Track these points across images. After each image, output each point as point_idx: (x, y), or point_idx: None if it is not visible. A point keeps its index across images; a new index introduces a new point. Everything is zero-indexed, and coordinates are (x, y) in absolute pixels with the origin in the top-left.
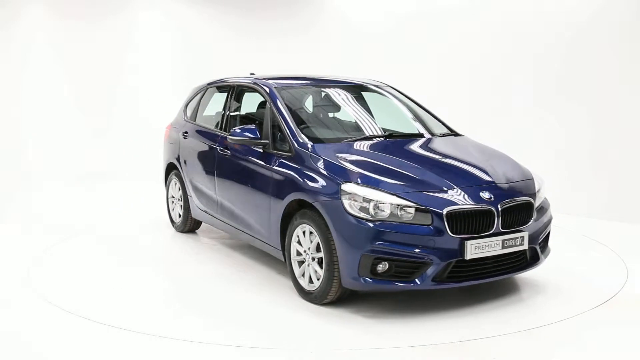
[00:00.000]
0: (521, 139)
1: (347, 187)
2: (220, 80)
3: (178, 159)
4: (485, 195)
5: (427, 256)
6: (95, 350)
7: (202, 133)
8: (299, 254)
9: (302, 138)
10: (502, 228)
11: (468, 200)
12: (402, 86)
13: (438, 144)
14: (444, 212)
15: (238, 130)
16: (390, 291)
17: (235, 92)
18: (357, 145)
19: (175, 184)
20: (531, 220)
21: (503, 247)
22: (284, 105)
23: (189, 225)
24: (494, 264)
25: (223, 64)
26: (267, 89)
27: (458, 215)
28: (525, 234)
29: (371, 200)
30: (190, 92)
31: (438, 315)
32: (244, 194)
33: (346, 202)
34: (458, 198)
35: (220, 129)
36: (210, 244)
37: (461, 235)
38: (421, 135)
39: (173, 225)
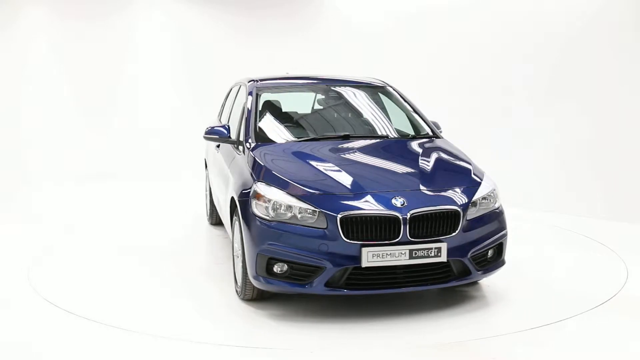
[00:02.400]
0: (521, 139)
1: (256, 186)
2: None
3: (207, 155)
4: (397, 201)
5: (321, 261)
6: (96, 350)
7: None
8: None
9: (250, 137)
10: (411, 237)
11: (375, 205)
12: (402, 86)
13: (391, 146)
14: (338, 216)
15: (209, 129)
16: (288, 293)
17: (238, 91)
18: (300, 146)
19: (207, 178)
20: (455, 232)
21: (411, 258)
22: (254, 104)
23: (215, 218)
24: (405, 274)
25: (223, 64)
26: (248, 89)
27: (354, 220)
28: (443, 245)
29: (270, 201)
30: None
31: (438, 315)
32: (220, 192)
33: (253, 201)
34: (363, 203)
35: None
36: (218, 242)
37: (359, 241)
38: (385, 137)
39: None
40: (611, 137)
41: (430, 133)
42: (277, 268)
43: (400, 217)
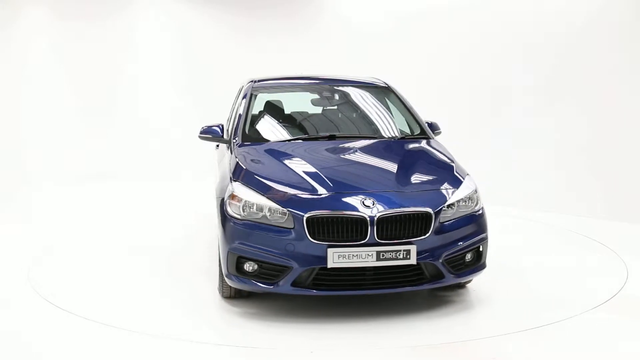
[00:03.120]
0: (521, 138)
1: (231, 185)
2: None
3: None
4: (367, 203)
5: (288, 260)
6: (95, 350)
7: None
8: None
9: (237, 136)
10: (379, 239)
11: (343, 206)
12: (401, 86)
13: (375, 147)
14: (305, 217)
15: (203, 128)
16: (259, 292)
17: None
18: (283, 146)
19: None
20: (427, 234)
21: (379, 260)
22: (246, 104)
23: None
24: (375, 275)
25: (223, 64)
26: (245, 88)
27: (321, 221)
28: (412, 248)
29: (242, 200)
30: None
31: (438, 315)
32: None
33: (228, 201)
34: (331, 204)
35: None
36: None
37: (326, 242)
38: (373, 137)
39: None
40: (611, 137)
41: (423, 134)
42: (247, 267)
43: (368, 219)
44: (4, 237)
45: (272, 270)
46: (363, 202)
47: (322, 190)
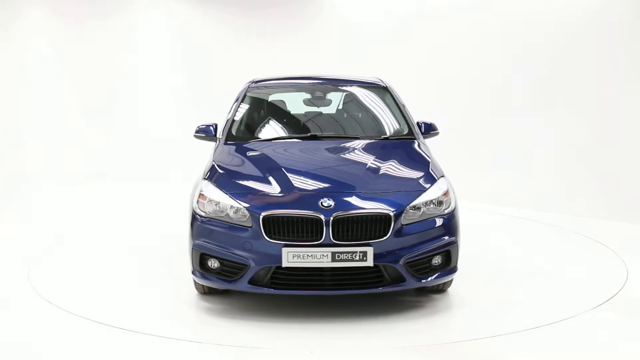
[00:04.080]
0: (521, 138)
1: (202, 183)
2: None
3: None
4: (325, 203)
5: (245, 259)
6: (95, 350)
7: None
8: None
9: (223, 135)
10: (336, 240)
11: (300, 206)
12: (401, 85)
13: (353, 147)
14: (261, 215)
15: (198, 128)
16: (220, 288)
17: None
18: (261, 146)
19: None
20: (385, 236)
21: (334, 260)
22: (237, 104)
23: None
24: (333, 276)
25: (223, 64)
26: (242, 88)
27: (277, 220)
28: (369, 250)
29: (206, 198)
30: None
31: (439, 315)
32: None
33: (196, 199)
34: (289, 203)
35: None
36: None
37: (282, 241)
38: (355, 137)
39: None
40: (611, 137)
41: (411, 134)
42: (210, 264)
43: (323, 219)
44: (4, 237)
45: (232, 268)
46: (322, 202)
47: (284, 190)
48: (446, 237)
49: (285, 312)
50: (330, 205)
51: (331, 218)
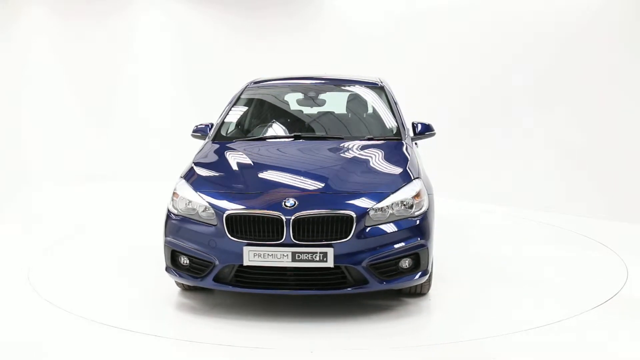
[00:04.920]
0: (521, 138)
1: (178, 182)
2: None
3: None
4: (288, 203)
5: (210, 256)
6: (96, 350)
7: None
8: None
9: (211, 135)
10: (297, 240)
11: (262, 206)
12: (401, 86)
13: (331, 147)
14: (225, 214)
15: (195, 127)
16: (191, 285)
17: None
18: (244, 145)
19: None
20: (347, 237)
21: (294, 260)
22: (230, 104)
23: None
24: (296, 276)
25: (223, 64)
26: (240, 89)
27: (239, 219)
28: (330, 251)
29: (178, 196)
30: None
31: (439, 315)
32: None
33: (171, 197)
34: (253, 203)
35: None
36: None
37: (244, 240)
38: (339, 138)
39: None
40: (612, 137)
41: (399, 135)
42: (181, 260)
43: (284, 219)
44: (4, 237)
45: (199, 265)
46: (285, 202)
47: (251, 189)
48: (415, 240)
49: (285, 312)
50: (293, 205)
51: (292, 218)
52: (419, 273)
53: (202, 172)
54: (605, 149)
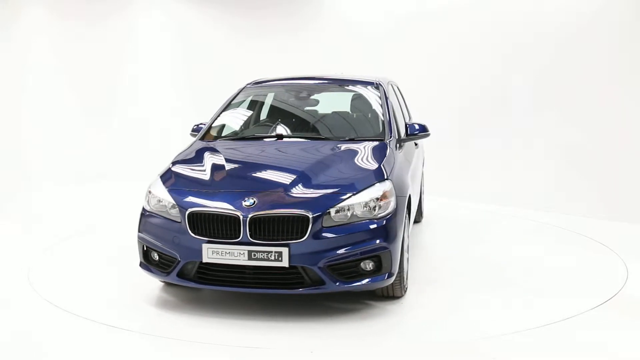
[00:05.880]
0: (521, 138)
1: (155, 180)
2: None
3: None
4: (247, 202)
5: (174, 252)
6: (96, 350)
7: None
8: None
9: (202, 134)
10: (253, 239)
11: (222, 204)
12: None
13: (306, 148)
14: (187, 211)
15: (194, 127)
16: (160, 280)
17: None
18: (226, 145)
19: None
20: (303, 238)
21: (250, 259)
22: (225, 104)
23: None
24: (254, 274)
25: (223, 64)
26: (238, 89)
27: (200, 217)
28: (284, 250)
29: (151, 193)
30: None
31: (438, 314)
32: None
33: (146, 193)
34: (214, 201)
35: None
36: None
37: (205, 237)
38: (319, 138)
39: None
40: (612, 137)
41: (381, 135)
42: (152, 256)
43: (241, 217)
44: (4, 237)
45: (166, 261)
46: (244, 201)
47: (215, 188)
48: (376, 242)
49: (285, 312)
50: (252, 204)
51: (249, 217)
52: (384, 275)
53: (177, 170)
54: (605, 149)
